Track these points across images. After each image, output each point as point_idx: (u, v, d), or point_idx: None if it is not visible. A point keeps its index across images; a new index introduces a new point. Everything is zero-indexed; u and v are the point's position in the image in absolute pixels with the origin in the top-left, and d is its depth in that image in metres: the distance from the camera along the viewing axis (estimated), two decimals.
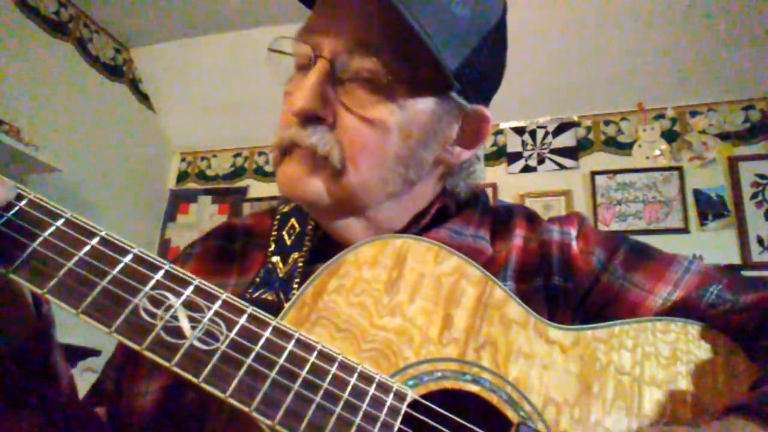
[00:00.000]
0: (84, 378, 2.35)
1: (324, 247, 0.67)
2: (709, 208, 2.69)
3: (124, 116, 3.34)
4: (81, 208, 2.91)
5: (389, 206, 0.66)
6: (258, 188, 3.52)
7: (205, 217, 3.49)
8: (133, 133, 3.40)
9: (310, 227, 0.70)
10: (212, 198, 3.56)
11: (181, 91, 3.48)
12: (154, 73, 3.46)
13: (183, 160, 3.76)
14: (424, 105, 0.62)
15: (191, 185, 3.67)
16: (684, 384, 0.57)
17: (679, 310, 0.62)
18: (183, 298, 0.45)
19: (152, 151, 3.59)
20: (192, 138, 3.68)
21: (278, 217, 0.74)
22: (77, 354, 2.48)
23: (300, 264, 0.65)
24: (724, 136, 2.78)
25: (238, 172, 3.61)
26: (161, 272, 0.46)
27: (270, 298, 0.62)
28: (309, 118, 0.60)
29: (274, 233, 0.72)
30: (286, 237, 0.71)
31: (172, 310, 0.44)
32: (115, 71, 3.28)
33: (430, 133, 0.64)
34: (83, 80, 3.05)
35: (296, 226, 0.71)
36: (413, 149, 0.63)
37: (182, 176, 3.71)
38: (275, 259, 0.68)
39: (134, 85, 3.43)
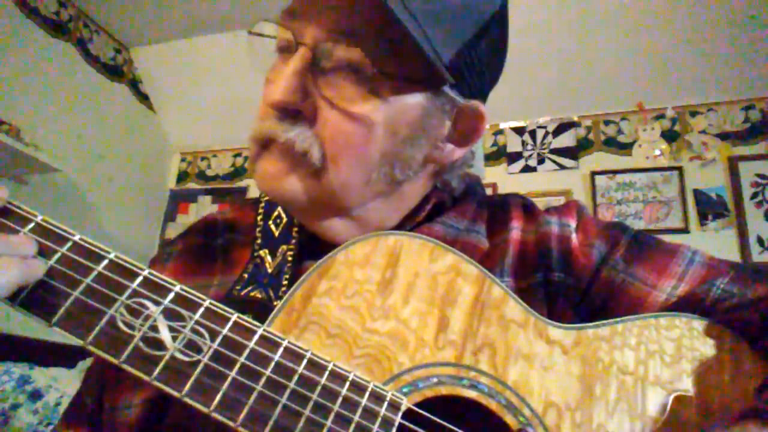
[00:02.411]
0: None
1: (313, 240, 0.64)
2: (709, 208, 2.68)
3: (124, 116, 3.33)
4: (81, 208, 2.91)
5: (376, 206, 0.62)
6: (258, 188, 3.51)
7: None
8: (133, 133, 3.40)
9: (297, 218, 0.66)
10: (212, 198, 3.55)
11: (181, 91, 3.47)
12: (154, 73, 3.45)
13: (183, 160, 3.75)
14: (413, 100, 0.57)
15: (191, 185, 3.66)
16: (689, 383, 0.55)
17: (684, 305, 0.60)
18: (163, 306, 0.43)
19: (152, 151, 3.58)
20: (192, 138, 3.67)
21: (263, 205, 0.70)
22: (77, 354, 2.48)
23: (289, 258, 0.62)
24: (724, 136, 2.77)
25: (238, 172, 3.61)
26: (139, 279, 0.43)
27: (259, 296, 0.59)
28: (287, 112, 0.56)
29: (260, 223, 0.68)
30: (273, 228, 0.67)
31: (151, 320, 0.42)
32: (115, 71, 3.27)
33: (418, 130, 0.59)
34: (83, 80, 3.05)
35: (283, 216, 0.68)
36: (400, 147, 0.59)
37: (182, 176, 3.71)
38: (263, 252, 0.65)
39: (134, 85, 3.43)
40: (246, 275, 0.63)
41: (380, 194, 0.62)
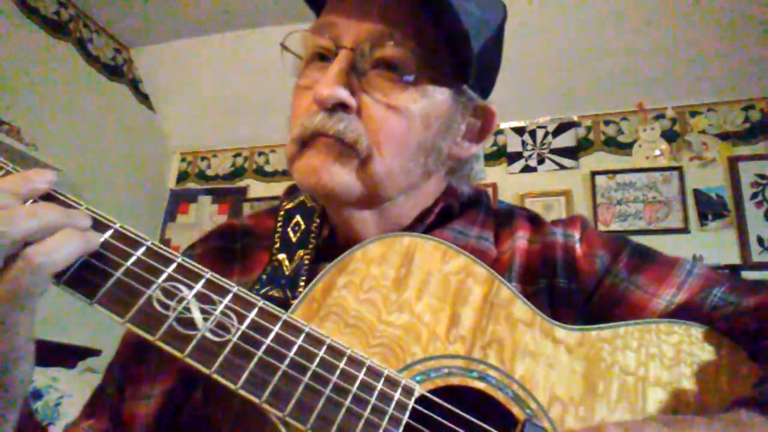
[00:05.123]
0: (84, 378, 2.34)
1: (329, 246, 0.67)
2: (709, 208, 2.69)
3: (124, 116, 3.34)
4: None
5: (401, 200, 0.67)
6: (258, 188, 3.52)
7: (205, 217, 3.48)
8: (133, 133, 3.40)
9: (315, 225, 0.70)
10: (212, 198, 3.56)
11: (181, 91, 3.48)
12: (154, 73, 3.46)
13: (183, 160, 3.76)
14: (442, 96, 0.64)
15: (191, 185, 3.67)
16: (687, 385, 0.57)
17: (682, 312, 0.63)
18: (195, 290, 0.46)
19: (152, 151, 3.59)
20: (192, 138, 3.68)
21: (282, 213, 0.74)
22: (77, 354, 2.48)
23: (306, 262, 0.65)
24: (724, 136, 2.78)
25: (238, 172, 3.61)
26: (174, 265, 0.47)
27: (277, 295, 0.62)
28: (335, 106, 0.59)
29: (279, 230, 0.71)
30: (291, 234, 0.71)
31: (185, 301, 0.45)
32: (115, 71, 3.28)
33: (446, 124, 0.65)
34: (83, 80, 3.05)
35: (301, 223, 0.71)
36: (433, 139, 0.64)
37: (182, 176, 3.71)
38: (281, 256, 0.68)
39: (134, 85, 3.43)
40: (265, 276, 0.66)
41: (410, 187, 0.66)
